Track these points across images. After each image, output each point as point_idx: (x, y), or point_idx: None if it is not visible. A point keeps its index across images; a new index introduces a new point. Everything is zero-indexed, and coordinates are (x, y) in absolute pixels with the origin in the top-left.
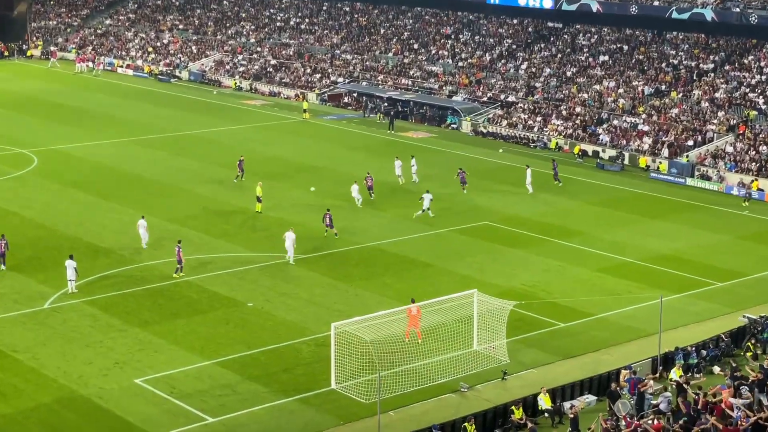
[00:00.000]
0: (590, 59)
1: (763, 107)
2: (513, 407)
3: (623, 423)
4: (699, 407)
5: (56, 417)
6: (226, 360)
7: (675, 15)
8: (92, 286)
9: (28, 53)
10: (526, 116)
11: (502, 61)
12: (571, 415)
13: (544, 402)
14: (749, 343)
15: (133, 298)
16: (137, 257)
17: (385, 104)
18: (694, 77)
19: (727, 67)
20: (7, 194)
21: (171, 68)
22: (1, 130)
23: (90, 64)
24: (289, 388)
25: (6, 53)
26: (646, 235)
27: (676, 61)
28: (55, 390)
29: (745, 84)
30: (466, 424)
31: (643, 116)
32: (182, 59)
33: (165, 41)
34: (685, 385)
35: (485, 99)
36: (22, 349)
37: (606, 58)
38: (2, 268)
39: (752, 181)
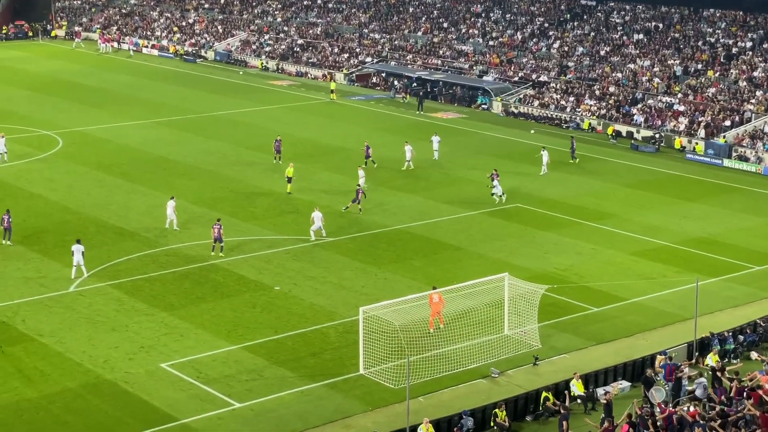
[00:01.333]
0: (624, 37)
1: None
2: (546, 393)
3: (658, 410)
4: (732, 394)
5: (82, 401)
6: (252, 344)
7: None
8: (117, 269)
9: (53, 33)
10: (559, 96)
11: (534, 39)
12: (605, 402)
13: (577, 388)
14: None
15: (159, 282)
16: (163, 240)
17: (414, 84)
18: (732, 56)
19: (765, 46)
20: (32, 176)
21: (197, 48)
22: (25, 111)
23: (115, 44)
24: (316, 373)
25: (30, 33)
26: (682, 217)
27: (713, 39)
28: (80, 374)
29: None
30: (496, 410)
31: (679, 96)
32: (208, 39)
33: (190, 21)
34: (719, 372)
35: (516, 79)
36: (48, 333)
37: (641, 36)
38: (8, 243)
39: None
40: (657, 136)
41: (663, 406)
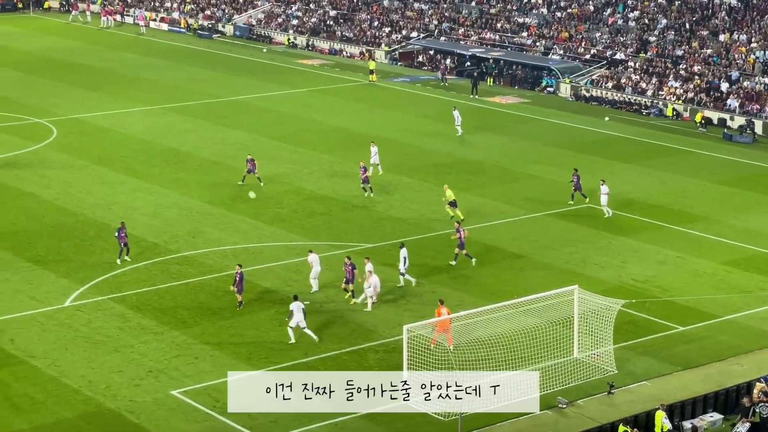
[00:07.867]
0: (716, 5)
1: None
2: (623, 427)
3: None
4: None
5: None
6: (279, 368)
7: None
8: (121, 280)
9: (45, 5)
10: (638, 77)
11: (609, 10)
12: None
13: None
14: None
15: (170, 295)
16: (174, 246)
17: (468, 63)
18: None
19: None
20: (22, 172)
21: (212, 22)
22: (14, 95)
23: (119, 17)
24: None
25: (20, 5)
26: None
27: None
28: (78, 403)
29: None
30: None
31: None
32: (226, 11)
33: None
34: None
35: (588, 57)
36: (41, 354)
37: (735, 2)
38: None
39: None
40: (754, 123)
41: None
